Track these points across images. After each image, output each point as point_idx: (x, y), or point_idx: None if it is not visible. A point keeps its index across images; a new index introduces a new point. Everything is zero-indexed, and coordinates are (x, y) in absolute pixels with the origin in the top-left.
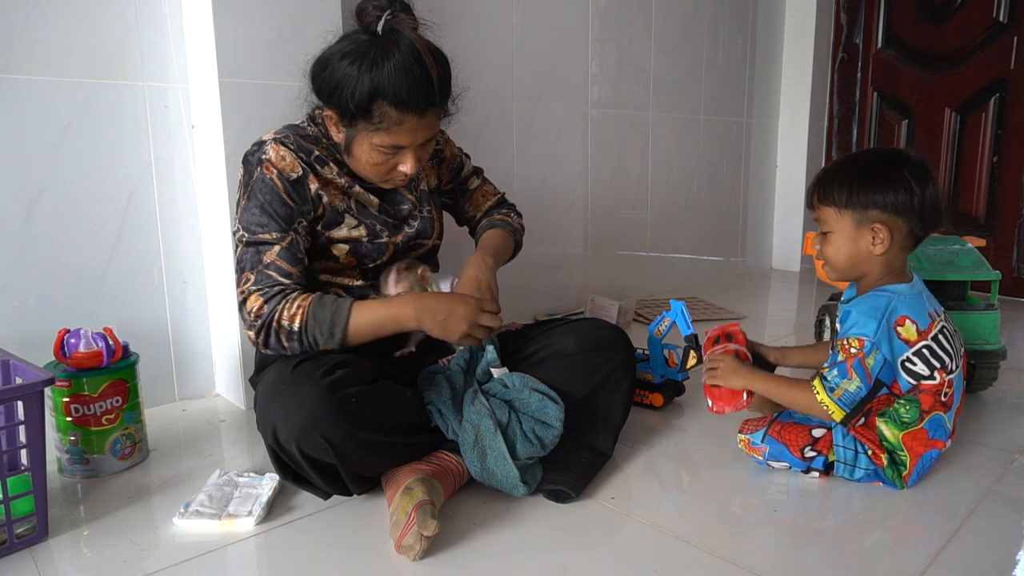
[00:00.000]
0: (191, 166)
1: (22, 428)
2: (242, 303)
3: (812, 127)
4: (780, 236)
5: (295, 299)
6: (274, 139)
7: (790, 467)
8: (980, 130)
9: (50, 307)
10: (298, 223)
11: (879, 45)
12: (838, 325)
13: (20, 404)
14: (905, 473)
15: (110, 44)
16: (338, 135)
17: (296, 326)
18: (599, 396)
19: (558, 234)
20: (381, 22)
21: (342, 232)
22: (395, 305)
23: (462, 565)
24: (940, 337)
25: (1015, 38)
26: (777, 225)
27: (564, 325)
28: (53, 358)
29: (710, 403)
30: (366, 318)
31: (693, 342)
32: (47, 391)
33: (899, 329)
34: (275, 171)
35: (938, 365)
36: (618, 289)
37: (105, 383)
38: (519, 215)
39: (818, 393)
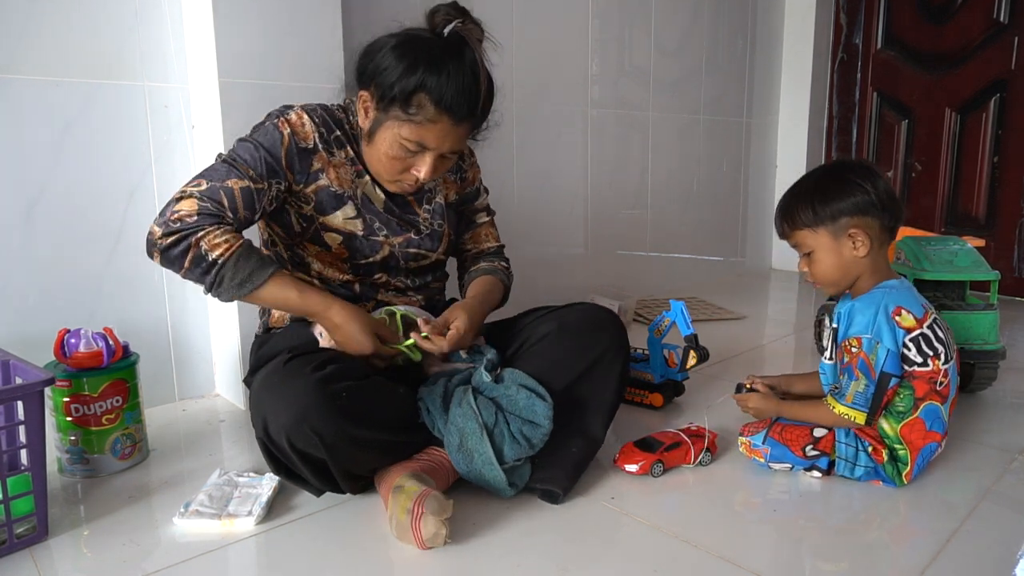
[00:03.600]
0: (191, 166)
1: (22, 428)
2: (175, 199)
3: (812, 127)
4: None
5: (226, 231)
6: (302, 107)
7: (791, 468)
8: (980, 130)
9: (50, 307)
10: (276, 184)
11: (879, 45)
12: (835, 324)
13: (20, 404)
14: (906, 471)
15: (110, 44)
16: (365, 120)
17: (213, 256)
18: (590, 379)
19: (558, 234)
20: (451, 26)
21: (337, 220)
22: (311, 299)
23: (462, 565)
24: (936, 326)
25: (1016, 38)
26: None
27: (552, 312)
28: (53, 358)
29: (617, 456)
30: (278, 295)
31: (693, 342)
32: (47, 391)
33: (897, 318)
34: (289, 129)
35: (931, 353)
36: (618, 289)
37: (105, 383)
38: (511, 274)
39: (834, 407)
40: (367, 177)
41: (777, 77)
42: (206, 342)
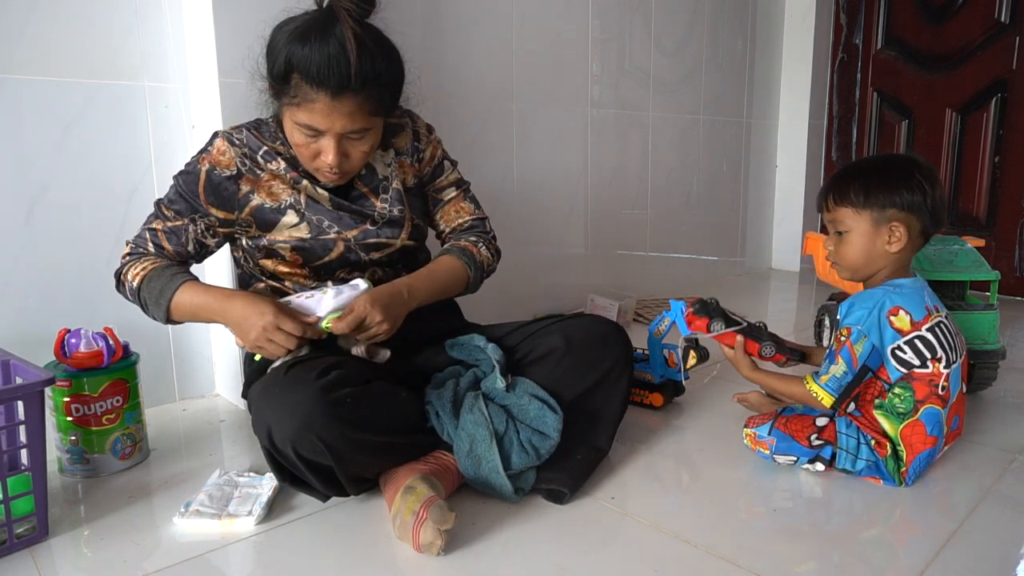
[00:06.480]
0: None
1: (22, 428)
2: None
3: (812, 127)
4: (780, 236)
5: (147, 261)
6: (224, 133)
7: (796, 460)
8: (981, 130)
9: (50, 307)
10: (200, 218)
11: (879, 45)
12: (838, 315)
13: (20, 404)
14: (903, 469)
15: (110, 44)
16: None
17: (135, 284)
18: (597, 392)
19: (558, 234)
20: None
21: (282, 232)
22: (214, 298)
23: (462, 565)
24: (936, 330)
25: (1016, 38)
26: (777, 225)
27: (560, 323)
28: (53, 358)
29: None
30: (187, 301)
31: (693, 342)
32: (47, 391)
33: (892, 318)
34: (208, 165)
35: (930, 355)
36: (618, 289)
37: (105, 383)
38: (492, 251)
39: (807, 383)
40: (305, 181)
41: (777, 77)
42: (206, 342)
